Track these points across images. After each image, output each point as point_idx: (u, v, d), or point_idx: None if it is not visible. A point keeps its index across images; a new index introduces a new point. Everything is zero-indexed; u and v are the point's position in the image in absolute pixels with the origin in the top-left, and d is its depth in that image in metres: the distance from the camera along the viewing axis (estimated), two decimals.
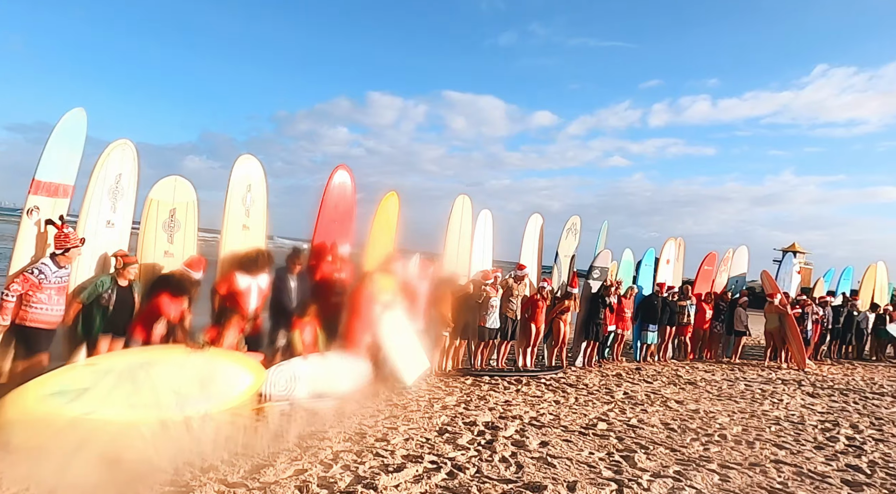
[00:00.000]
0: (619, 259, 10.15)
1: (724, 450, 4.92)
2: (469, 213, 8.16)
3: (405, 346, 6.86)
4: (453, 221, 7.96)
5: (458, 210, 8.01)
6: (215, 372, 4.63)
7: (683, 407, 6.53)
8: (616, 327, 9.84)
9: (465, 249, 8.11)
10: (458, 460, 4.20)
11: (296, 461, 3.89)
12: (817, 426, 6.09)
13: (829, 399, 7.69)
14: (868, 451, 5.25)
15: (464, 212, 8.09)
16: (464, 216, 8.10)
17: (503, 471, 4.06)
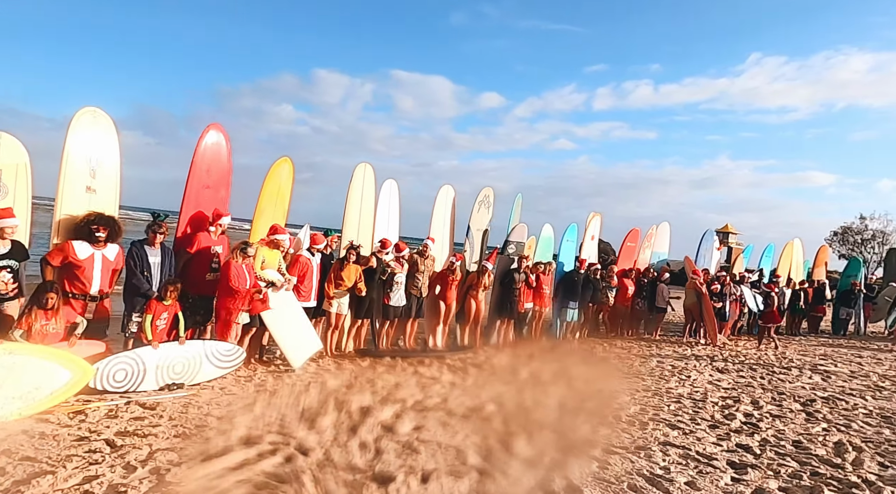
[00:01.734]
0: (539, 234, 9.80)
1: (615, 433, 4.57)
2: (371, 183, 7.52)
3: (292, 326, 6.22)
4: (353, 191, 7.31)
5: (358, 179, 7.35)
6: (13, 371, 3.85)
7: (588, 387, 6.21)
8: (534, 304, 9.52)
9: (367, 222, 7.49)
10: (305, 443, 3.63)
11: (92, 465, 3.21)
12: (718, 403, 5.88)
13: (737, 374, 7.60)
14: (763, 428, 5.04)
15: (365, 182, 7.44)
16: (365, 186, 7.45)
17: (356, 458, 3.53)
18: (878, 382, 7.78)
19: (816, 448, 4.54)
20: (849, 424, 5.37)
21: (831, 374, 8.14)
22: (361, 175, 7.34)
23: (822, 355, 10.06)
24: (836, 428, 5.18)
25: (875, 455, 4.44)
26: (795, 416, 5.57)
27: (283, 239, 6.38)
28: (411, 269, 7.81)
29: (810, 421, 5.41)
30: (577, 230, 10.26)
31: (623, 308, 10.72)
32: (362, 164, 7.34)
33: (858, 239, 40.19)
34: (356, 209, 7.32)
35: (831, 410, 5.91)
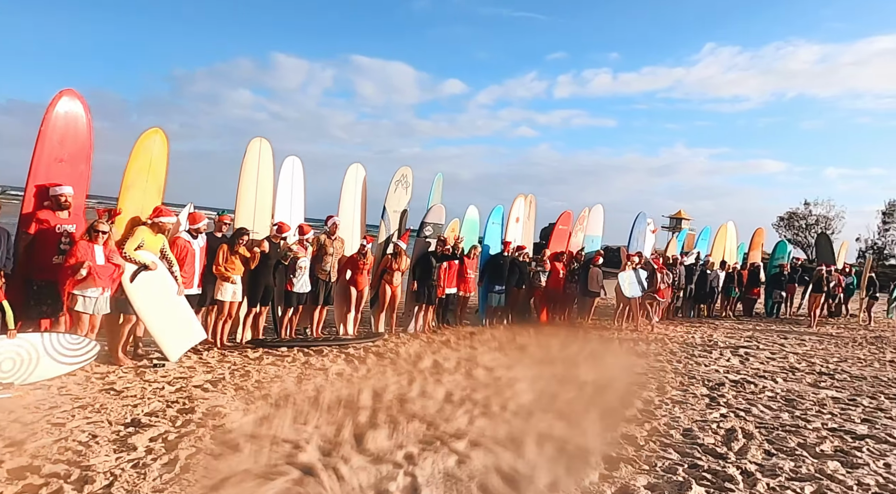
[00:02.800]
0: (462, 216, 9.38)
1: (493, 424, 4.19)
2: (269, 160, 6.91)
3: (168, 315, 5.63)
4: (247, 169, 6.69)
5: (253, 155, 6.73)
6: None
7: (490, 374, 5.84)
8: (458, 289, 9.14)
9: (265, 202, 6.90)
10: (96, 468, 3.09)
11: None
12: (621, 389, 5.60)
13: (654, 359, 7.39)
14: (658, 416, 4.76)
15: (262, 158, 6.83)
16: (262, 163, 6.85)
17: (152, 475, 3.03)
18: (794, 364, 7.71)
19: (706, 436, 4.27)
20: (749, 408, 5.16)
21: (751, 356, 8.04)
22: (256, 151, 6.73)
23: (749, 337, 10.04)
24: (734, 414, 4.95)
25: (764, 443, 4.19)
26: (697, 402, 5.33)
27: (169, 221, 5.76)
28: (318, 252, 7.30)
29: (711, 407, 5.18)
30: (502, 212, 9.89)
31: (555, 292, 10.45)
32: (257, 140, 6.73)
33: (803, 223, 41.50)
34: (251, 188, 6.72)
35: (737, 394, 5.71)
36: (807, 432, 4.53)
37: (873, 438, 4.48)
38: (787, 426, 4.68)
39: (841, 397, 5.89)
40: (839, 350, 9.23)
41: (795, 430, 4.57)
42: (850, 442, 4.34)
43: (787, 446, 4.14)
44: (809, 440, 4.33)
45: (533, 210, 11.00)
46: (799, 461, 3.84)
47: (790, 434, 4.46)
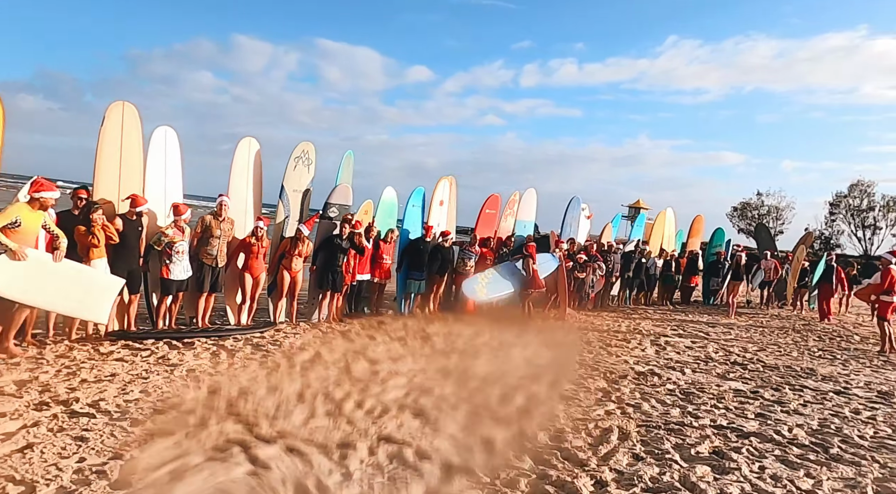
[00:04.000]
0: (378, 199, 8.80)
1: (333, 425, 3.66)
2: (137, 129, 6.16)
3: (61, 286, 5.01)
4: (108, 138, 5.93)
5: (114, 122, 5.97)
6: None
7: (370, 368, 5.30)
8: (372, 276, 8.58)
9: (132, 177, 6.16)
10: None
11: None
12: (511, 384, 5.15)
13: (566, 349, 6.99)
14: (535, 415, 4.31)
15: (126, 127, 6.07)
16: (127, 132, 6.08)
17: None
18: (711, 353, 7.44)
19: (576, 439, 3.84)
20: (640, 404, 4.77)
21: (669, 346, 7.74)
22: (118, 117, 5.97)
23: (677, 326, 9.80)
24: (620, 411, 4.55)
25: (637, 445, 3.79)
26: (588, 397, 4.92)
27: (51, 196, 5.07)
28: (203, 235, 6.62)
29: (601, 403, 4.77)
30: (423, 194, 9.34)
31: None
32: (118, 103, 5.96)
33: (756, 214, 42.30)
34: (113, 160, 5.97)
35: (635, 388, 5.34)
36: (690, 430, 4.16)
37: (759, 436, 4.13)
38: (672, 423, 4.30)
39: (744, 389, 5.59)
40: (763, 338, 9.06)
41: (679, 428, 4.19)
42: (732, 442, 3.98)
43: (661, 448, 3.74)
44: (689, 440, 3.95)
45: (454, 194, 10.48)
46: (666, 466, 3.43)
47: (672, 433, 4.08)
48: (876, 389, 6.01)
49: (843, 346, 8.82)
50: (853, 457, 3.80)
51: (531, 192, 11.18)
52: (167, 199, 6.45)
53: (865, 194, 38.92)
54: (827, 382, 6.19)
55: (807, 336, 9.60)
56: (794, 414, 4.81)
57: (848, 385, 6.13)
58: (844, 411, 5.03)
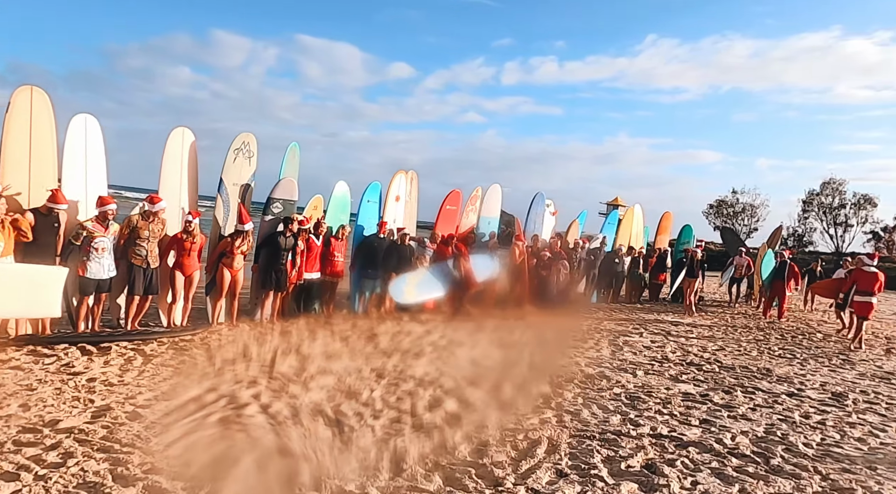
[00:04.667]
0: (329, 194, 8.42)
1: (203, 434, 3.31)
2: (49, 117, 5.67)
3: None
4: (14, 127, 5.44)
5: (21, 109, 5.49)
6: None
7: (295, 371, 4.94)
8: (323, 274, 8.20)
9: (46, 169, 5.70)
10: None
11: None
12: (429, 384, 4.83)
13: (515, 350, 6.69)
14: (462, 425, 4.00)
15: (35, 114, 5.58)
16: (37, 120, 5.59)
17: None
18: (668, 354, 7.22)
19: (498, 452, 3.53)
20: (580, 411, 4.49)
21: (627, 346, 7.50)
22: (27, 104, 5.50)
23: (639, 324, 9.59)
24: (557, 419, 4.26)
25: (565, 458, 3.50)
26: (525, 404, 4.62)
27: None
28: (131, 236, 6.19)
29: (537, 410, 4.48)
30: (380, 189, 8.98)
31: None
32: (25, 89, 5.49)
33: (731, 211, 42.63)
34: (21, 150, 5.50)
35: (580, 393, 5.06)
36: (627, 440, 3.88)
37: (699, 446, 3.87)
38: (608, 433, 4.02)
39: (694, 392, 5.35)
40: (725, 337, 8.88)
41: (615, 438, 3.91)
42: (668, 453, 3.71)
43: (589, 462, 3.45)
44: (623, 451, 3.67)
45: (415, 189, 10.15)
46: (589, 484, 3.14)
47: (606, 444, 3.80)
48: (830, 390, 5.83)
49: (804, 345, 8.68)
50: (794, 469, 3.56)
51: (496, 188, 10.89)
52: (88, 192, 6.01)
53: (837, 192, 39.34)
54: (781, 383, 5.99)
55: (769, 334, 9.46)
56: (742, 420, 4.58)
57: (802, 386, 5.94)
58: (794, 415, 4.81)
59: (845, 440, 4.27)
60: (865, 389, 6.02)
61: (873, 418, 4.94)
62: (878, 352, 8.45)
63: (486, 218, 10.79)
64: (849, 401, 5.43)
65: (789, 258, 11.35)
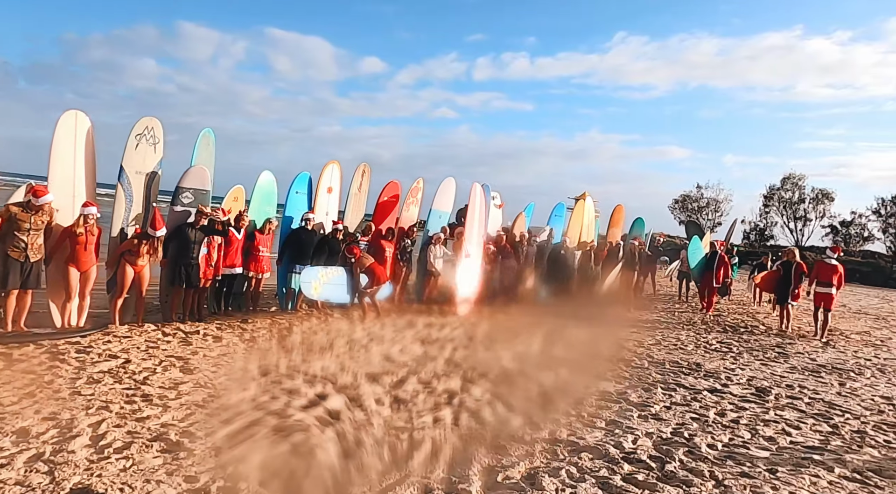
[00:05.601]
0: (253, 184, 7.95)
1: None
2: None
3: None
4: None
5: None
6: None
7: (159, 379, 4.52)
8: (246, 269, 7.74)
9: None
10: None
11: None
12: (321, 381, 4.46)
13: (437, 346, 6.35)
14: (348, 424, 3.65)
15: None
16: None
17: None
18: (602, 349, 6.99)
19: (371, 456, 3.18)
20: (480, 411, 4.17)
21: (561, 341, 7.23)
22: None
23: (580, 319, 9.35)
24: (453, 418, 3.93)
25: (442, 465, 3.16)
26: (426, 401, 4.29)
27: None
28: (9, 227, 5.64)
29: (436, 409, 4.14)
30: (309, 180, 8.55)
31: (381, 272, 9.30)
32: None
33: (696, 206, 43.22)
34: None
35: (491, 389, 4.74)
36: (518, 446, 3.57)
37: (594, 451, 3.59)
38: (503, 436, 3.71)
39: (612, 390, 5.09)
40: (666, 332, 8.71)
41: (507, 444, 3.59)
42: (557, 460, 3.41)
43: (465, 474, 3.12)
44: (509, 459, 3.36)
45: (366, 182, 9.76)
46: None
47: (494, 450, 3.48)
48: (755, 385, 5.65)
49: (744, 338, 8.58)
50: (688, 475, 3.30)
51: (450, 182, 10.54)
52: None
53: (796, 187, 40.24)
54: (707, 378, 5.80)
55: (712, 328, 9.35)
56: (651, 420, 4.33)
57: (728, 381, 5.75)
58: (709, 413, 4.59)
59: (754, 439, 4.05)
60: (792, 383, 5.87)
61: (791, 414, 4.76)
62: (815, 345, 8.40)
63: (438, 211, 10.45)
64: (771, 397, 5.26)
65: (721, 249, 11.27)
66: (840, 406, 5.15)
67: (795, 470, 3.49)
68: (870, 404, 5.31)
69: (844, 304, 15.65)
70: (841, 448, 3.97)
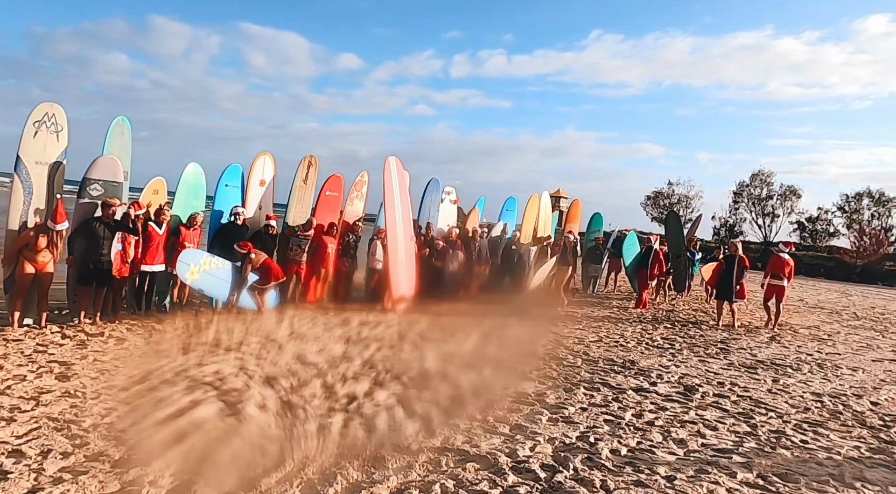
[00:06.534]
0: (178, 176, 7.52)
1: None
2: None
3: None
4: None
5: None
6: None
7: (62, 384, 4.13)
8: (170, 267, 7.31)
9: None
10: None
11: None
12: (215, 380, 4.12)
13: (363, 347, 6.05)
14: None
15: None
16: None
17: None
18: (536, 348, 6.74)
19: (206, 487, 2.85)
20: (376, 415, 3.86)
21: (496, 340, 6.97)
22: None
23: (525, 317, 9.12)
24: (342, 424, 3.62)
25: (296, 487, 2.85)
26: (321, 404, 3.97)
27: None
28: None
29: (327, 415, 3.83)
30: (241, 173, 8.14)
31: (322, 270, 8.95)
32: None
33: (667, 202, 43.52)
34: None
35: (398, 392, 4.44)
36: (401, 456, 3.27)
37: (483, 460, 3.31)
38: (389, 445, 3.41)
39: (531, 391, 4.83)
40: (611, 328, 8.51)
41: (390, 453, 3.29)
42: (438, 472, 3.12)
43: (327, 488, 2.81)
44: (381, 473, 3.06)
45: (314, 174, 9.36)
46: None
47: (370, 462, 3.18)
48: (685, 383, 5.45)
49: (689, 334, 8.42)
50: (576, 486, 3.04)
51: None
52: None
53: (765, 183, 40.77)
54: (637, 377, 5.58)
55: (660, 324, 9.20)
56: (561, 423, 4.07)
57: (658, 379, 5.55)
58: (626, 415, 4.36)
59: (664, 442, 3.82)
60: (724, 380, 5.69)
61: (713, 414, 4.56)
62: (760, 340, 8.28)
63: None
64: (697, 395, 5.06)
65: (656, 244, 11.13)
66: (767, 404, 4.97)
67: (695, 477, 3.26)
68: (798, 401, 5.14)
69: (802, 298, 15.75)
70: (753, 451, 3.76)
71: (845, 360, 7.28)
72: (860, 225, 35.14)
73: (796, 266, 9.13)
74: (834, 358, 7.33)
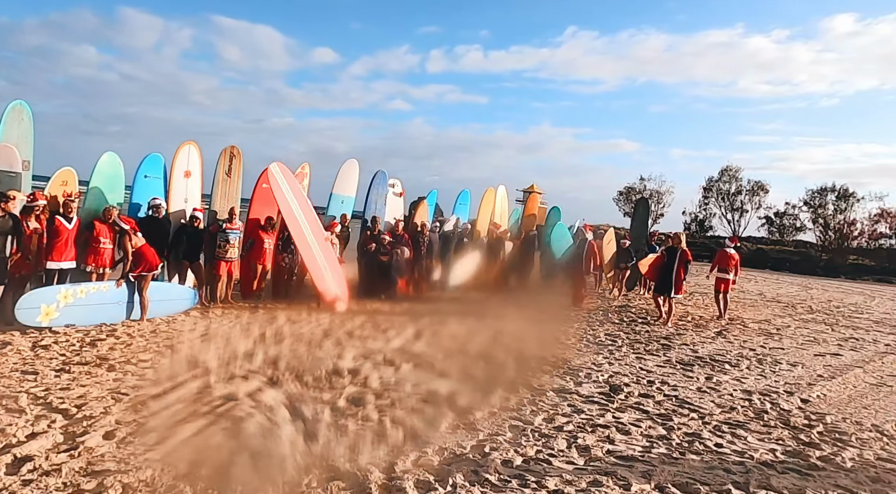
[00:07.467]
0: (91, 170, 7.02)
1: None
2: None
3: None
4: None
5: None
6: None
7: None
8: (83, 263, 6.82)
9: None
10: None
11: None
12: None
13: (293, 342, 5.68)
14: None
15: None
16: None
17: None
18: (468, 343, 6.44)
19: None
20: (249, 417, 3.51)
21: (431, 335, 6.64)
22: None
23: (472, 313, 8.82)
24: (206, 425, 3.26)
25: None
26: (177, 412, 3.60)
27: None
28: None
29: (212, 418, 3.46)
30: (163, 163, 7.67)
31: (260, 266, 8.54)
32: None
33: (640, 198, 43.74)
34: None
35: (296, 394, 4.09)
36: (263, 467, 2.92)
37: (351, 478, 2.98)
38: (249, 452, 3.06)
39: (444, 391, 4.51)
40: (556, 325, 8.25)
41: (252, 464, 2.95)
42: (301, 490, 2.78)
43: None
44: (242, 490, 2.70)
45: (238, 166, 8.90)
46: None
47: (226, 476, 2.82)
48: (612, 383, 5.20)
49: (636, 330, 8.21)
50: None
51: (352, 164, 9.83)
52: None
53: (734, 179, 41.19)
54: (564, 377, 5.31)
55: (607, 320, 8.97)
56: (462, 430, 3.77)
57: (585, 379, 5.29)
58: (535, 420, 4.07)
59: (567, 450, 3.54)
60: (655, 379, 5.46)
61: (630, 416, 4.30)
62: (705, 335, 8.12)
63: (339, 196, 9.71)
64: (621, 395, 4.81)
65: (590, 235, 10.87)
66: (692, 403, 4.74)
67: (585, 491, 2.98)
68: (726, 400, 4.93)
69: (762, 292, 15.79)
70: (660, 457, 3.51)
71: (787, 355, 7.14)
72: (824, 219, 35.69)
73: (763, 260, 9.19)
74: (776, 353, 7.19)
